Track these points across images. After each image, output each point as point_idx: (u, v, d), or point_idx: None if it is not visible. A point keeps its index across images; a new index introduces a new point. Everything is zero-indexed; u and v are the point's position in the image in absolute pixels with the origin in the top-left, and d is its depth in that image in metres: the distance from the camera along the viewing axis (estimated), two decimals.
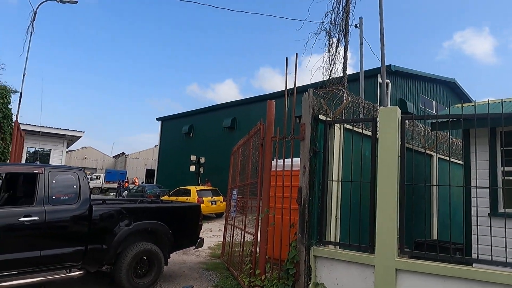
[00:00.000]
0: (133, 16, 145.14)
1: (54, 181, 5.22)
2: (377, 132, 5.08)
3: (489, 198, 5.84)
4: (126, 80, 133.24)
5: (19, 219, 4.81)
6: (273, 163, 5.96)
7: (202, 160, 25.03)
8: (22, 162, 9.96)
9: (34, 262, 4.89)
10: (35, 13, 12.43)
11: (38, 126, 12.68)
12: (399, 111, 5.00)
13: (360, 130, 5.80)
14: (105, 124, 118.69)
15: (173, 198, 20.01)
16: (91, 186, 37.79)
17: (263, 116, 6.25)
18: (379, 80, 17.58)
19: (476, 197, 5.62)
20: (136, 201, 8.07)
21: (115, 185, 37.96)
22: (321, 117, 5.55)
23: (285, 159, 5.79)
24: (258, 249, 5.92)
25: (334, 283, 5.07)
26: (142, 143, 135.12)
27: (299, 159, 5.93)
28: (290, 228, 5.48)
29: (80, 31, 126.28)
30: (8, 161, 11.46)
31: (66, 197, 5.29)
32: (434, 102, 21.05)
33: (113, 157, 65.47)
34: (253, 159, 6.69)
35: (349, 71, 7.62)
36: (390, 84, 17.67)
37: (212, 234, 13.67)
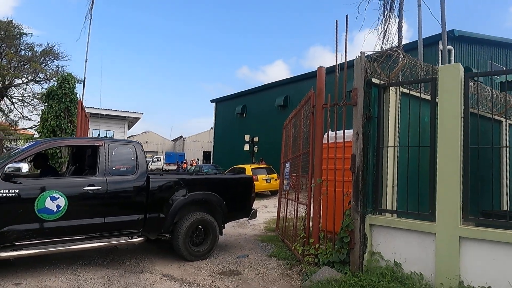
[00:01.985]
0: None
1: (113, 154, 5.51)
2: (437, 94, 4.71)
3: None
4: (180, 65, 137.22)
5: (84, 188, 5.17)
6: (325, 135, 5.79)
7: (256, 139, 25.18)
8: None
9: (99, 228, 5.26)
10: (93, 0, 13.05)
11: (99, 109, 13.48)
12: (461, 68, 4.58)
13: (418, 94, 5.43)
14: (163, 109, 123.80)
15: None
16: (153, 167, 40.31)
17: (315, 91, 6.05)
18: (441, 47, 16.36)
19: None
20: (192, 174, 8.33)
21: (174, 167, 39.74)
22: (374, 80, 5.25)
23: (337, 131, 5.60)
24: (311, 220, 5.86)
25: (392, 252, 4.87)
26: (198, 126, 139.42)
27: (351, 130, 5.71)
28: (344, 196, 5.33)
29: (136, 14, 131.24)
30: None
31: (125, 168, 5.57)
32: (504, 68, 19.18)
33: (172, 140, 68.37)
34: (304, 129, 6.55)
35: (406, 41, 7.12)
36: (453, 51, 16.36)
37: (267, 210, 13.83)
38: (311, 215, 5.81)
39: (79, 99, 11.74)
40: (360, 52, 5.26)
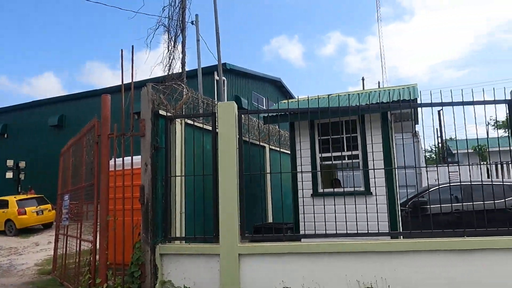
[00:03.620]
0: None
1: None
2: (217, 126, 5.28)
3: (311, 181, 6.78)
4: None
5: None
6: (112, 162, 5.55)
7: (22, 164, 21.46)
8: None
9: None
10: None
11: None
12: (235, 105, 5.30)
13: (201, 125, 5.93)
14: None
15: None
16: None
17: (97, 112, 5.74)
18: (216, 77, 18.35)
19: (302, 181, 6.45)
20: None
21: None
22: (161, 112, 5.43)
23: (125, 157, 5.47)
24: (97, 256, 5.44)
25: (181, 278, 5.07)
26: None
27: (139, 156, 5.69)
28: (133, 229, 5.22)
29: None
30: None
31: None
32: (264, 98, 23.17)
33: None
34: (88, 159, 6.08)
35: (187, 68, 7.69)
36: (225, 81, 18.61)
37: (39, 249, 11.94)
38: (97, 252, 5.40)
39: None
40: (146, 84, 5.35)
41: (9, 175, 20.81)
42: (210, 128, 5.66)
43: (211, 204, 5.30)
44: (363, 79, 33.76)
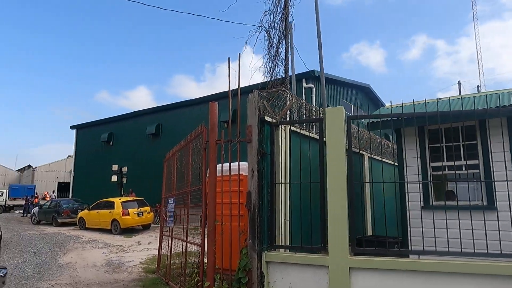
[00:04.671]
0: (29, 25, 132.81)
1: None
2: (324, 133, 5.10)
3: (421, 192, 6.23)
4: (25, 90, 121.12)
5: None
6: (218, 168, 5.68)
7: (125, 169, 23.47)
8: None
9: None
10: None
11: None
12: (344, 111, 5.08)
13: (306, 133, 5.81)
14: (5, 135, 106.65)
15: (93, 212, 18.47)
16: None
17: (190, 122, 5.98)
18: (304, 84, 18.22)
19: (408, 192, 5.95)
20: None
21: (21, 202, 33.99)
22: (267, 118, 5.43)
23: (232, 163, 5.55)
24: (205, 259, 5.58)
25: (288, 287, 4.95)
26: (50, 154, 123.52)
27: (243, 163, 5.75)
28: (240, 235, 5.24)
29: None
30: None
31: None
32: (352, 105, 22.42)
33: (17, 170, 58.79)
34: (194, 164, 6.32)
35: (277, 76, 7.66)
36: (314, 89, 18.39)
37: (142, 248, 12.84)
38: (206, 255, 5.53)
39: None
40: (253, 90, 5.39)
41: (114, 178, 22.89)
42: (312, 134, 5.52)
43: (316, 213, 5.12)
44: (459, 83, 31.02)
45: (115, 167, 23.02)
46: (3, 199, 36.11)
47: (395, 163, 8.65)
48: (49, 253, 11.55)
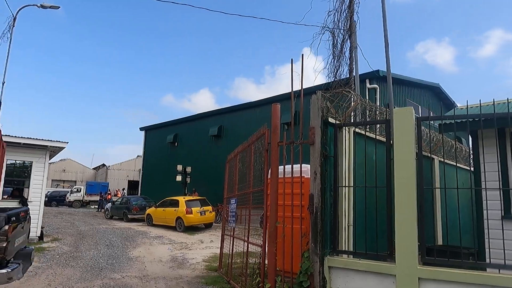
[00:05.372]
0: (105, 26, 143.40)
1: None
2: (392, 135, 4.86)
3: (502, 200, 5.70)
4: (99, 91, 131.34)
5: None
6: (280, 169, 5.66)
7: (189, 169, 24.44)
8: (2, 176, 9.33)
9: None
10: (14, 19, 11.86)
11: (18, 137, 12.02)
12: (413, 111, 4.80)
13: (370, 133, 5.59)
14: (83, 136, 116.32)
15: (160, 209, 19.43)
16: (72, 199, 36.70)
17: (251, 123, 6.01)
18: (368, 85, 17.62)
19: (487, 200, 5.46)
20: None
21: (96, 198, 36.84)
22: (330, 120, 5.30)
23: (294, 165, 5.50)
24: (266, 261, 5.59)
25: None
26: (121, 154, 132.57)
27: (305, 165, 5.67)
28: (302, 238, 5.18)
29: (57, 39, 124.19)
30: None
31: None
32: (420, 106, 21.25)
33: (93, 168, 63.85)
34: (256, 166, 6.37)
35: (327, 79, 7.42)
36: (378, 89, 17.71)
37: (204, 246, 13.22)
38: (266, 257, 5.54)
39: None
40: (316, 91, 5.30)
41: (178, 178, 23.93)
42: (379, 137, 5.29)
43: (382, 219, 4.89)
44: None
45: (179, 167, 24.05)
46: (81, 195, 39.41)
47: (469, 168, 8.01)
48: (120, 247, 12.34)
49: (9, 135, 11.17)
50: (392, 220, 4.67)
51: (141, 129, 35.95)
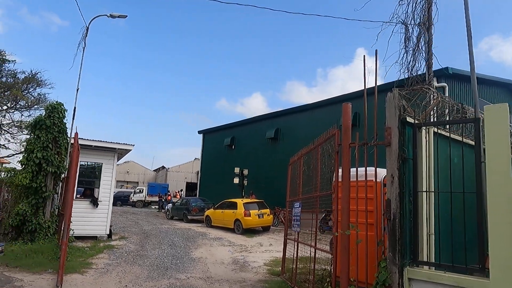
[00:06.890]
0: (160, 31, 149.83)
1: None
2: (482, 136, 4.37)
3: None
4: (157, 95, 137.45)
5: None
6: (352, 172, 5.35)
7: (246, 172, 24.58)
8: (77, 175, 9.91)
9: None
10: (87, 29, 12.62)
11: (90, 140, 12.77)
12: (508, 109, 4.27)
13: (454, 134, 5.10)
14: (144, 138, 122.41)
15: (218, 211, 19.69)
16: (135, 199, 38.70)
17: (308, 126, 5.80)
18: (435, 83, 16.53)
19: None
20: None
21: (156, 199, 38.42)
22: (409, 119, 4.91)
23: (366, 168, 5.18)
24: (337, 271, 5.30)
25: None
26: (180, 156, 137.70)
27: (370, 168, 5.33)
28: (378, 246, 4.83)
29: (114, 46, 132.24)
30: (63, 175, 11.55)
31: None
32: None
33: (153, 170, 66.85)
34: (324, 169, 6.10)
35: (402, 76, 6.89)
36: (447, 88, 16.55)
37: (264, 249, 13.11)
38: (338, 265, 5.25)
39: (71, 130, 11.12)
40: (392, 89, 4.93)
41: (236, 180, 24.16)
42: (465, 139, 4.80)
43: (470, 228, 4.41)
44: None
45: (237, 170, 24.28)
46: (143, 196, 41.34)
47: None
48: (182, 247, 12.61)
49: (81, 138, 11.88)
50: (484, 229, 4.18)
51: (199, 132, 36.92)
